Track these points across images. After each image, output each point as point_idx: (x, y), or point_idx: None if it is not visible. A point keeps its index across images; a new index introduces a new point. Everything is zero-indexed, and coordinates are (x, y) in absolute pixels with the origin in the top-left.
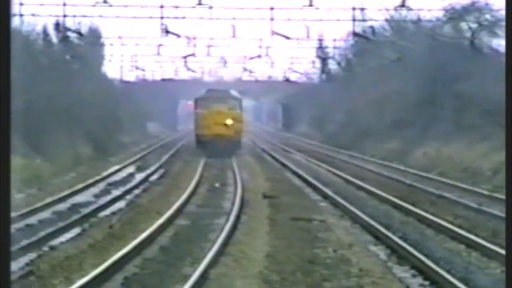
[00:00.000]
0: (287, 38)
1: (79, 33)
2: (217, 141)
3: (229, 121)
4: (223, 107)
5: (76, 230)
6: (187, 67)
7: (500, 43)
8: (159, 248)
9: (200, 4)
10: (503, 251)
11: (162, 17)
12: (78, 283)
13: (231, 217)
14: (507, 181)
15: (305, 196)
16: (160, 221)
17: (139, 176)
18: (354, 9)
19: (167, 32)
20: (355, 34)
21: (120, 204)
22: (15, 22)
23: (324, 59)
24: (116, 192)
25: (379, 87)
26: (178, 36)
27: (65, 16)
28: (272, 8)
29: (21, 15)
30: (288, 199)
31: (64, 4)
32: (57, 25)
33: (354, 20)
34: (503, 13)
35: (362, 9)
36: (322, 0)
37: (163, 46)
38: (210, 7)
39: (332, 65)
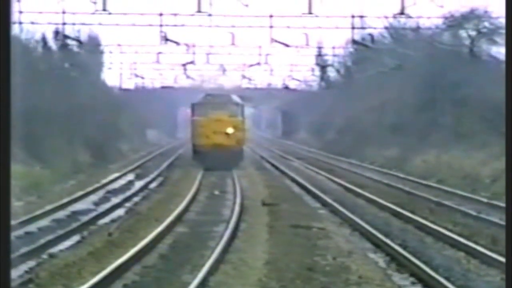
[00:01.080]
0: (287, 45)
1: (78, 40)
2: (216, 152)
3: (229, 130)
4: (223, 113)
5: (75, 238)
6: (187, 75)
7: (499, 51)
8: (158, 255)
9: (199, 11)
10: (502, 259)
11: (161, 25)
12: None
13: (231, 224)
14: (507, 188)
15: (304, 203)
16: (160, 228)
17: (138, 184)
18: (353, 16)
19: (166, 39)
20: (354, 41)
21: (120, 211)
22: (14, 30)
23: (323, 67)
24: (115, 200)
25: (378, 95)
26: (178, 43)
27: (64, 24)
28: (271, 16)
29: (20, 23)
30: (287, 207)
31: (63, 12)
32: (56, 33)
33: (353, 27)
34: (502, 20)
35: (361, 17)
36: (321, 7)
37: (162, 53)
38: (210, 15)
39: (331, 73)
